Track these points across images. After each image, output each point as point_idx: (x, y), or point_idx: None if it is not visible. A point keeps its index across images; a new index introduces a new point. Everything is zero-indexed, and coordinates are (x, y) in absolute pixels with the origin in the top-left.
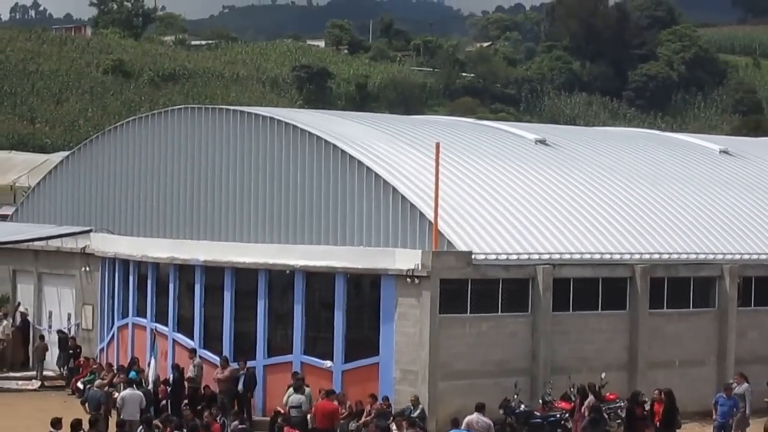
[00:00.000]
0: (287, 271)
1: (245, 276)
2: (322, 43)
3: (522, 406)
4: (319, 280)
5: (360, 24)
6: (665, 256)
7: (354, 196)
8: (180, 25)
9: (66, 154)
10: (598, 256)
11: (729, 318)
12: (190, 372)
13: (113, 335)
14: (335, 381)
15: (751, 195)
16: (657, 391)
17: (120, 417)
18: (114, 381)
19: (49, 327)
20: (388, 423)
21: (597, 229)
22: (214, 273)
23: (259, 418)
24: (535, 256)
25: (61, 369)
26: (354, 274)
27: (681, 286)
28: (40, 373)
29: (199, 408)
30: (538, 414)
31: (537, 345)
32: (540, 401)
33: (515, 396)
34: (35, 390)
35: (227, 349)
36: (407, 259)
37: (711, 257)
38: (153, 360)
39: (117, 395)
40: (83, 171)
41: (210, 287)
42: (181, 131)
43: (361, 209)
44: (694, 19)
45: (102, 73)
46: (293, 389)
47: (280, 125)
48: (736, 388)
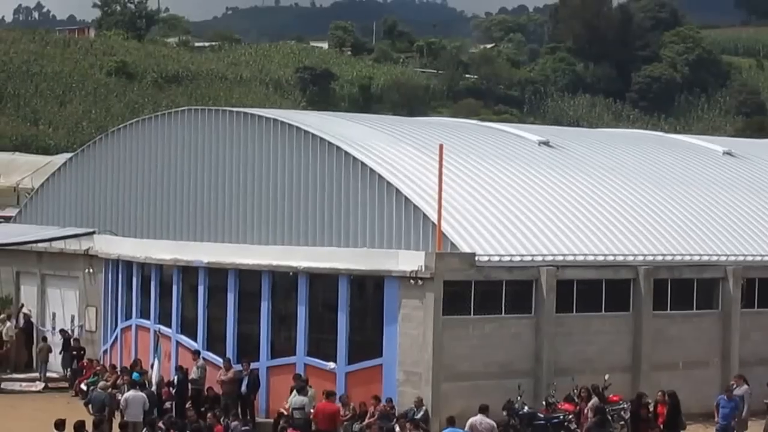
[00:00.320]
0: (291, 273)
1: (248, 277)
2: (325, 45)
3: (525, 407)
4: (323, 281)
5: (363, 25)
6: (669, 257)
7: (357, 197)
8: (183, 27)
9: (69, 155)
10: (601, 257)
11: (732, 319)
12: (193, 373)
13: (117, 337)
14: (339, 382)
15: (755, 196)
16: (660, 393)
17: (123, 418)
18: (117, 382)
19: (53, 328)
20: (391, 425)
21: (600, 231)
22: (217, 274)
23: (263, 419)
24: (539, 257)
25: (65, 370)
26: (357, 275)
27: (684, 287)
28: (43, 375)
29: (203, 409)
30: (541, 416)
31: (540, 347)
32: (543, 403)
33: (518, 397)
34: (39, 391)
35: (230, 351)
36: (411, 261)
37: (714, 259)
38: (156, 361)
39: (120, 397)
40: (87, 173)
41: (213, 289)
42: (185, 133)
43: (365, 211)
44: (697, 21)
45: (105, 75)
46: (296, 391)
47: (283, 127)
48: (735, 389)
